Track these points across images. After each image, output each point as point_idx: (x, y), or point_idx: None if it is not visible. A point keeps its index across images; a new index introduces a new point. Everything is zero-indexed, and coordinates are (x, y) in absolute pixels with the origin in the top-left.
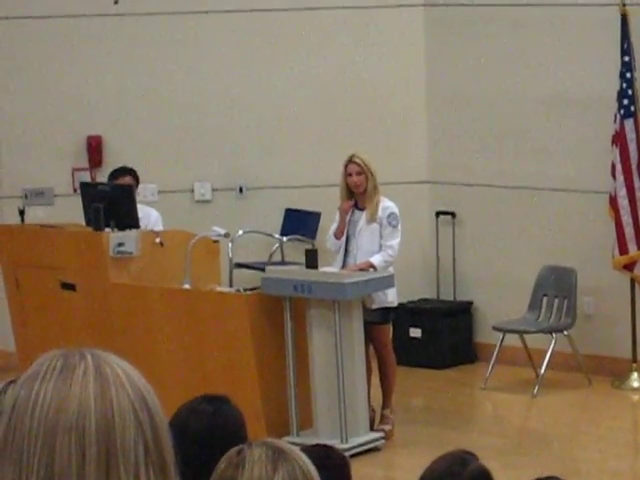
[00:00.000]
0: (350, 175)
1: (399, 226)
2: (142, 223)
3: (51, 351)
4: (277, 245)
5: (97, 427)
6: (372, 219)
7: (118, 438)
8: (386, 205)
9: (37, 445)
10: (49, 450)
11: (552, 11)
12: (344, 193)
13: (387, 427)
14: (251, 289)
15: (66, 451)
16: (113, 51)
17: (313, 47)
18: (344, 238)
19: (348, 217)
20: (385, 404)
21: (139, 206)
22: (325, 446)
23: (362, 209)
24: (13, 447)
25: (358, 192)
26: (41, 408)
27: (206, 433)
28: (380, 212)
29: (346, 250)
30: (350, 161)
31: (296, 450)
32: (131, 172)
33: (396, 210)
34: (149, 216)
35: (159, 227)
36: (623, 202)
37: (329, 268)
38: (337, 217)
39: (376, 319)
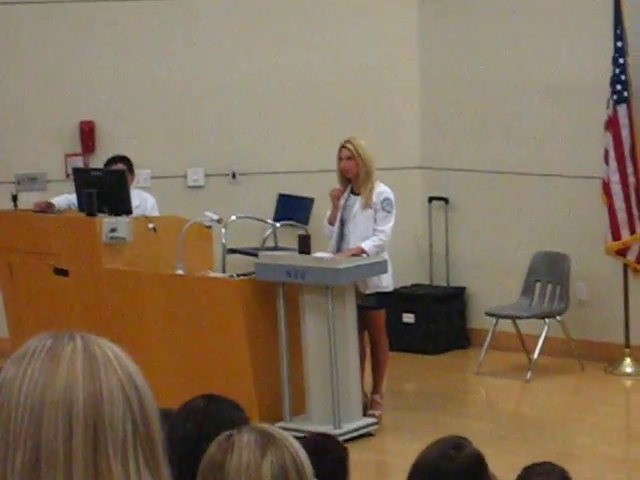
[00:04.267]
0: (341, 159)
1: (393, 211)
2: (139, 209)
3: (41, 333)
4: (270, 231)
5: (85, 403)
6: (367, 205)
7: (106, 415)
8: (381, 190)
9: (24, 420)
10: (36, 425)
11: None
12: (340, 177)
13: (377, 412)
14: (244, 275)
15: (53, 426)
16: (106, 36)
17: (306, 32)
18: (338, 223)
19: (342, 202)
20: (375, 389)
21: (137, 192)
22: (327, 436)
23: (357, 194)
24: (0, 424)
25: (350, 177)
26: (28, 384)
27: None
28: (375, 197)
29: (341, 234)
30: (343, 146)
31: (286, 436)
32: (124, 160)
33: (391, 195)
34: (146, 202)
35: (155, 214)
36: (616, 188)
37: (322, 253)
38: None
39: (370, 304)
